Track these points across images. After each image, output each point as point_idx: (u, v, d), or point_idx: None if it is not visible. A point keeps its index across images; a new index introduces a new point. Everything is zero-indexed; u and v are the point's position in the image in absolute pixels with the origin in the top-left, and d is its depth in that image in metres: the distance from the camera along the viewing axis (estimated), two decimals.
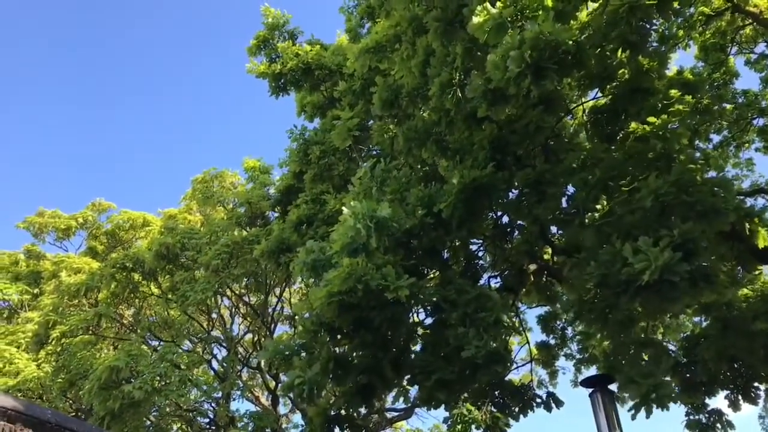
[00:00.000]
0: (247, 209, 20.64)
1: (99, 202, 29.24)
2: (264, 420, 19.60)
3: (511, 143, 9.38)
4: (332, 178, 15.19)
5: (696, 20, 15.09)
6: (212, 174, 24.52)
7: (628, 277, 6.87)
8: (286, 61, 15.64)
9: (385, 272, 7.61)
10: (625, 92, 9.58)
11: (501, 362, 7.92)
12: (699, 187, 7.36)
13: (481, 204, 8.96)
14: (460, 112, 9.33)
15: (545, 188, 8.85)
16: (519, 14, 7.43)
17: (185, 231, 21.08)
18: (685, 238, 6.74)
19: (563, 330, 17.51)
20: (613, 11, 7.23)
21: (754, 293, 13.33)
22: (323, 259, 8.81)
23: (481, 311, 8.11)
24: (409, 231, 8.74)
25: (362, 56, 11.32)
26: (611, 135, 10.00)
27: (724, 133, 17.13)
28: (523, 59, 6.91)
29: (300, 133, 16.37)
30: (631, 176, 8.39)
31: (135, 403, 15.84)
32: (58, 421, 6.59)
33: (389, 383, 8.72)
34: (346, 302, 7.79)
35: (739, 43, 16.43)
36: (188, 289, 18.94)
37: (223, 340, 23.66)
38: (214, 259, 18.59)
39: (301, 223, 14.87)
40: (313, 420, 8.75)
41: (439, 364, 8.09)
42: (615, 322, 7.50)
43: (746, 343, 11.47)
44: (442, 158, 10.16)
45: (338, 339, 8.61)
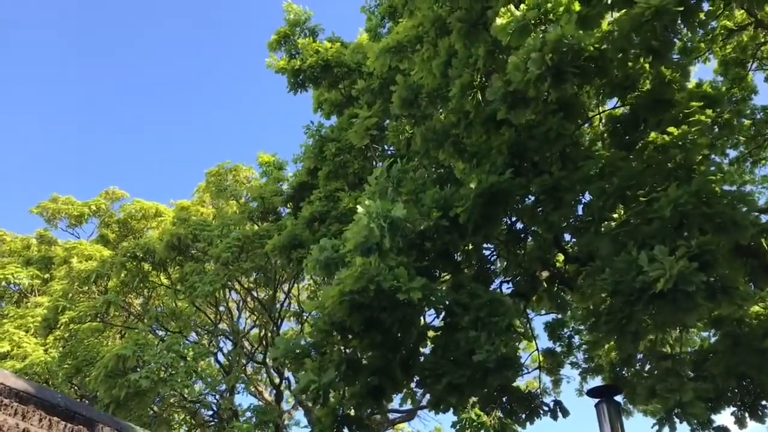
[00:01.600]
0: (260, 204, 20.69)
1: (112, 191, 29.37)
2: (267, 415, 19.62)
3: (529, 149, 9.33)
4: (347, 175, 15.21)
5: (718, 34, 15.02)
6: (227, 167, 24.61)
7: (643, 285, 6.82)
8: (305, 58, 15.68)
9: (397, 273, 7.58)
10: (647, 102, 9.52)
11: (512, 368, 7.88)
12: (719, 200, 7.30)
13: (498, 209, 8.91)
14: (479, 115, 9.30)
15: (562, 195, 8.80)
16: (543, 17, 7.39)
17: (197, 223, 21.14)
18: (702, 249, 6.68)
19: (570, 338, 17.47)
20: (639, 15, 7.18)
21: (766, 311, 13.26)
22: (336, 257, 8.81)
23: (493, 316, 8.07)
24: (422, 233, 8.73)
25: (383, 55, 11.31)
26: (629, 144, 9.94)
27: (741, 149, 17.01)
28: (544, 61, 6.89)
29: (316, 129, 16.41)
30: (649, 186, 8.33)
31: (140, 392, 15.89)
32: (68, 405, 6.60)
33: (399, 385, 8.69)
34: (357, 302, 7.77)
35: (759, 59, 16.32)
36: (197, 281, 18.99)
37: (230, 334, 23.72)
38: (225, 252, 18.64)
39: (314, 220, 14.90)
40: (322, 420, 8.73)
41: (450, 368, 8.05)
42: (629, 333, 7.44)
43: (756, 360, 11.38)
44: (458, 161, 10.13)
45: (349, 339, 8.59)
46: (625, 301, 7.12)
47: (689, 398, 7.91)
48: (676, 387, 7.98)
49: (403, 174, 9.42)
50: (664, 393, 7.93)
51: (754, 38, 15.39)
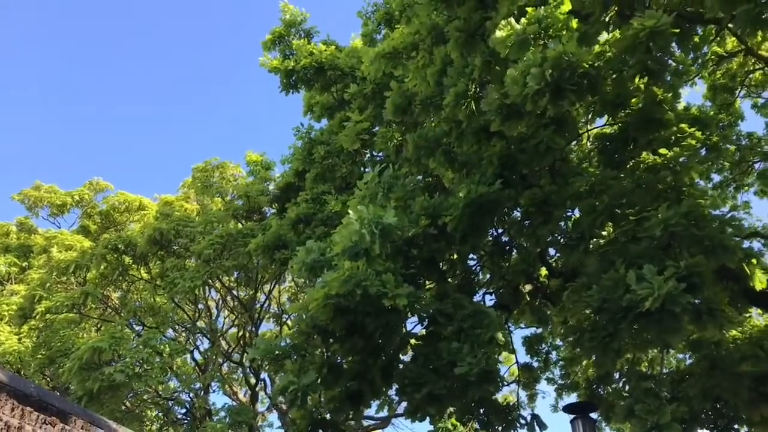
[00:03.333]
0: (245, 202, 20.57)
1: (96, 182, 29.05)
2: (241, 415, 19.43)
3: (519, 161, 9.35)
4: (334, 179, 15.19)
5: (708, 59, 15.19)
6: (214, 164, 24.45)
7: (629, 304, 6.85)
8: (299, 59, 15.63)
9: (384, 279, 7.56)
10: (638, 121, 9.56)
11: (493, 381, 7.87)
12: (708, 222, 7.35)
13: (486, 220, 8.92)
14: (471, 125, 9.30)
15: (551, 210, 8.82)
16: (542, 32, 7.41)
17: (180, 218, 20.94)
18: (691, 270, 6.72)
19: (548, 353, 17.56)
20: (635, 35, 7.22)
21: (743, 335, 13.39)
22: (322, 260, 8.76)
23: (477, 327, 8.05)
24: (410, 239, 8.71)
25: (377, 60, 11.30)
26: (619, 163, 10.00)
27: (725, 174, 17.19)
28: (544, 77, 6.90)
29: (306, 131, 16.38)
30: (639, 205, 8.38)
31: (114, 386, 15.67)
32: (41, 396, 6.50)
33: (378, 391, 8.66)
34: (342, 306, 7.73)
35: (747, 86, 16.54)
36: (178, 277, 18.79)
37: (207, 332, 23.53)
38: (207, 248, 18.49)
39: (299, 222, 14.85)
40: (298, 423, 8.66)
41: (431, 377, 8.02)
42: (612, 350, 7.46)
43: (731, 384, 11.48)
44: (449, 170, 10.13)
45: (330, 343, 8.54)
46: (610, 318, 7.14)
47: (666, 420, 7.94)
48: (654, 408, 8.01)
49: (394, 180, 9.40)
50: (643, 414, 7.95)
51: (743, 65, 15.60)
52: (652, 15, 7.05)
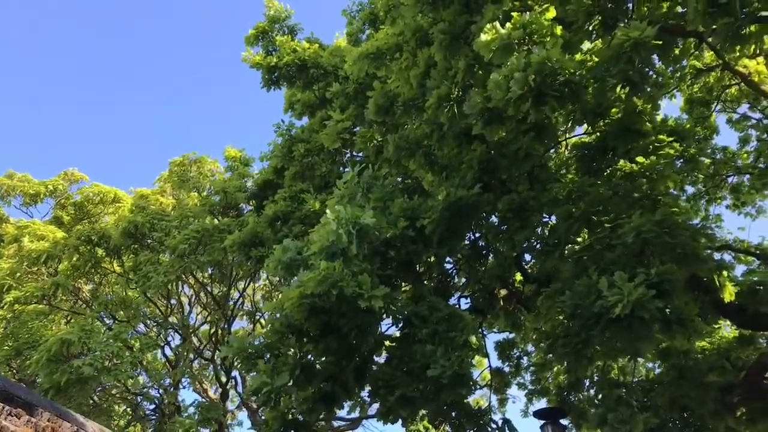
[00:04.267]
0: (222, 198, 20.41)
1: (71, 172, 28.59)
2: (211, 412, 19.27)
3: (499, 166, 9.40)
4: (313, 177, 15.11)
5: (687, 72, 15.41)
6: (191, 159, 24.21)
7: (601, 310, 6.91)
8: (282, 56, 15.51)
9: (361, 280, 7.52)
10: (617, 131, 9.67)
11: (466, 384, 7.88)
12: (682, 231, 7.44)
13: (464, 223, 8.95)
14: (453, 128, 9.33)
15: (529, 215, 8.88)
16: (527, 38, 7.45)
17: (156, 212, 20.72)
18: (661, 278, 6.80)
19: (519, 359, 17.68)
20: (618, 45, 7.29)
21: (711, 346, 13.60)
22: (299, 259, 8.70)
23: (451, 331, 8.07)
24: (387, 241, 8.70)
25: (361, 60, 11.28)
26: (597, 170, 10.09)
27: (699, 186, 17.42)
28: (527, 82, 6.93)
29: (287, 129, 16.28)
30: (614, 213, 8.46)
31: (82, 380, 15.43)
32: (6, 387, 6.35)
33: (351, 392, 8.63)
34: (317, 305, 7.68)
35: (723, 101, 16.79)
36: (151, 271, 18.59)
37: (179, 328, 23.29)
38: (182, 243, 18.29)
39: (276, 219, 14.74)
40: (270, 424, 8.60)
41: (404, 379, 8.02)
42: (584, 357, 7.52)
43: (699, 393, 11.65)
44: (428, 172, 10.14)
45: (304, 342, 8.49)
46: (583, 324, 7.20)
47: (639, 430, 8.03)
48: (627, 418, 8.09)
49: (373, 180, 9.38)
50: (615, 422, 8.04)
51: (720, 80, 15.84)
52: (636, 26, 7.13)
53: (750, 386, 11.66)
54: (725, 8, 6.74)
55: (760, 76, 14.02)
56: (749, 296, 10.54)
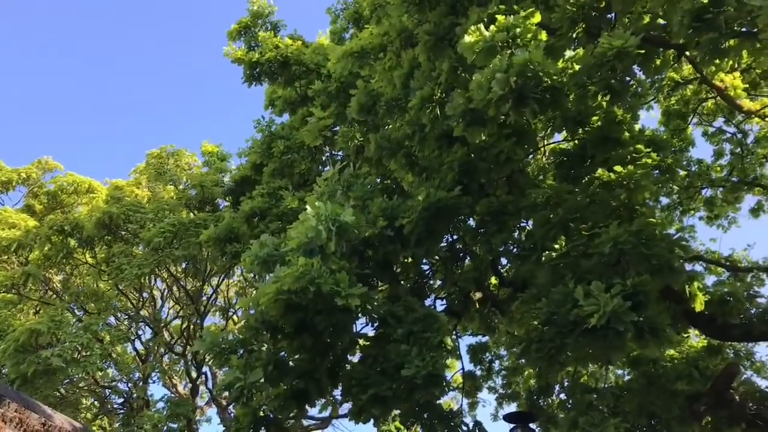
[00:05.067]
0: (199, 192, 20.29)
1: (46, 160, 28.11)
2: (180, 408, 19.10)
3: (479, 170, 9.44)
4: (292, 175, 15.06)
5: (665, 84, 15.62)
6: (169, 151, 24.00)
7: (576, 319, 6.95)
8: (264, 51, 15.44)
9: (338, 278, 7.48)
10: (596, 139, 9.77)
11: (439, 385, 7.89)
12: (657, 242, 7.53)
13: (442, 225, 8.97)
14: (435, 130, 9.35)
15: (507, 219, 8.92)
16: (510, 41, 7.49)
17: (131, 204, 20.47)
18: (637, 289, 6.87)
19: (491, 362, 17.79)
20: (602, 53, 7.37)
21: (680, 355, 13.82)
22: (276, 255, 8.65)
23: (426, 331, 8.07)
24: (366, 240, 8.68)
25: (344, 59, 11.27)
26: (575, 178, 10.19)
27: (674, 197, 17.65)
28: (508, 83, 6.95)
29: (267, 125, 16.21)
30: (592, 221, 8.54)
31: (50, 371, 15.19)
32: None
33: (324, 391, 8.59)
34: (293, 302, 7.61)
35: (700, 114, 17.06)
36: (124, 263, 18.39)
37: (151, 321, 23.06)
38: (157, 236, 18.12)
39: (253, 215, 14.66)
40: (241, 420, 8.52)
41: (377, 379, 7.99)
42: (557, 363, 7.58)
43: (666, 401, 11.82)
44: (409, 173, 10.16)
45: (278, 339, 8.43)
46: (558, 331, 7.24)
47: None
48: (598, 422, 8.17)
49: (354, 179, 9.36)
50: (587, 426, 8.10)
51: (697, 93, 16.08)
52: (620, 35, 7.21)
53: (716, 395, 11.85)
54: (709, 23, 6.85)
55: (735, 90, 14.26)
56: (719, 307, 10.73)
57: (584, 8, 8.22)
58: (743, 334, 11.12)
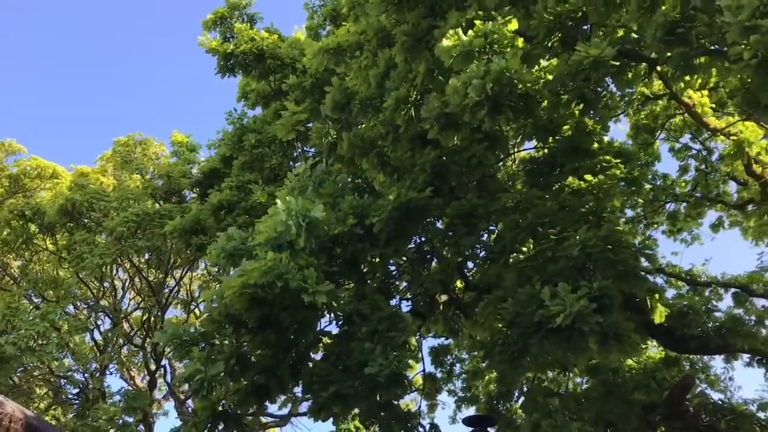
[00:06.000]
0: (166, 182, 20.04)
1: (9, 143, 27.36)
2: (137, 401, 18.82)
3: (450, 172, 9.48)
4: (263, 169, 14.95)
5: (635, 99, 15.88)
6: (137, 139, 23.58)
7: (541, 319, 7.04)
8: (239, 43, 15.28)
9: (306, 274, 7.44)
10: (566, 148, 9.90)
11: (401, 384, 7.88)
12: (624, 249, 7.65)
13: (412, 225, 8.98)
14: (408, 131, 9.37)
15: (476, 222, 8.98)
16: (488, 47, 7.54)
17: (96, 191, 20.11)
18: (602, 292, 6.97)
19: (452, 365, 17.87)
20: (578, 62, 7.46)
21: (638, 365, 14.06)
22: (243, 248, 8.57)
23: (391, 330, 8.07)
24: (335, 237, 8.64)
25: (320, 55, 11.19)
26: (545, 185, 10.30)
27: (638, 210, 17.93)
28: (484, 90, 7.00)
29: (239, 117, 16.07)
30: (560, 226, 8.64)
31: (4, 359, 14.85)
32: None
33: (286, 387, 8.52)
34: (259, 297, 7.54)
35: (667, 130, 17.37)
36: (86, 251, 18.06)
37: (111, 312, 22.68)
38: (121, 225, 17.85)
39: (221, 208, 14.52)
40: (199, 413, 8.40)
41: (340, 376, 7.96)
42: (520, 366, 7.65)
43: (624, 410, 12.02)
44: (381, 173, 10.16)
45: (241, 333, 8.35)
46: (522, 333, 7.31)
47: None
48: (561, 425, 8.28)
49: (326, 175, 9.33)
50: (549, 429, 8.19)
51: (666, 109, 16.37)
52: (597, 45, 7.30)
53: (672, 406, 12.09)
54: (681, 37, 6.98)
55: (703, 108, 14.55)
56: (678, 319, 10.96)
57: (561, 17, 8.31)
58: (700, 347, 11.37)
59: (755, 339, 10.74)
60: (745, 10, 5.82)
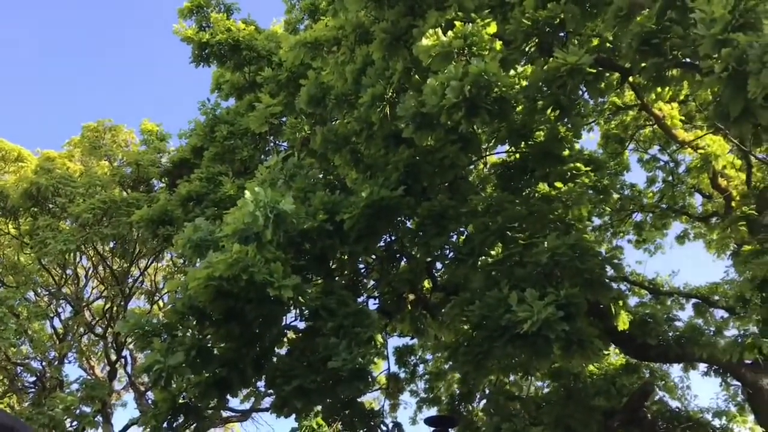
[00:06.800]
0: (134, 171, 19.72)
1: None
2: (96, 390, 18.51)
3: (423, 172, 9.49)
4: (233, 161, 14.78)
5: (606, 108, 16.07)
6: (107, 125, 23.10)
7: (508, 323, 7.08)
8: (215, 33, 15.10)
9: (273, 268, 7.38)
10: (538, 154, 9.98)
11: (364, 380, 7.88)
12: (592, 257, 7.72)
13: (383, 224, 8.96)
14: (383, 129, 9.35)
15: (446, 223, 8.99)
16: (466, 48, 7.54)
17: (62, 176, 19.67)
18: (569, 300, 7.03)
19: (415, 366, 17.89)
20: (555, 68, 7.51)
21: (599, 371, 14.24)
22: (210, 240, 8.48)
23: (357, 326, 8.04)
24: (304, 232, 8.57)
25: (297, 48, 11.09)
26: (515, 189, 10.37)
27: (605, 219, 18.13)
28: (462, 92, 7.01)
29: (212, 108, 15.88)
30: (530, 231, 8.70)
31: None
32: None
33: (248, 381, 8.46)
34: (224, 289, 7.47)
35: (637, 140, 17.61)
36: (50, 237, 17.69)
37: (72, 300, 22.27)
38: (87, 212, 17.51)
39: (190, 199, 14.33)
40: (159, 405, 8.30)
41: (303, 371, 7.94)
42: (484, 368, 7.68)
43: (584, 415, 12.16)
44: (353, 170, 10.12)
45: (205, 325, 8.25)
46: (488, 336, 7.34)
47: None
48: (521, 428, 8.34)
49: (298, 169, 9.26)
50: None
51: (636, 120, 16.59)
52: (574, 52, 7.36)
53: (631, 412, 12.27)
54: (656, 48, 7.07)
55: (672, 120, 14.78)
56: (639, 327, 11.11)
57: (539, 23, 8.35)
58: (660, 355, 11.54)
59: (714, 349, 10.93)
60: (718, 24, 5.91)
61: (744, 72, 5.72)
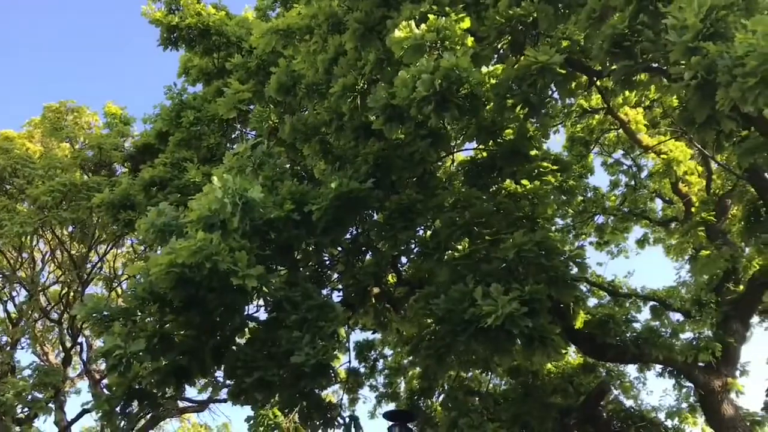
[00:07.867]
0: (96, 154, 19.30)
1: None
2: (50, 377, 18.12)
3: (393, 166, 9.48)
4: (200, 147, 14.53)
5: (573, 111, 16.27)
6: (69, 107, 22.51)
7: (471, 317, 7.11)
8: (185, 16, 14.81)
9: (237, 256, 7.26)
10: (506, 152, 10.06)
11: (326, 375, 7.83)
12: (557, 256, 7.80)
13: (351, 216, 8.93)
14: (353, 120, 9.31)
15: (414, 217, 9.00)
16: (439, 42, 7.54)
17: (20, 157, 19.20)
18: (533, 296, 7.09)
19: (375, 361, 17.92)
20: (526, 66, 7.55)
21: (557, 370, 14.44)
22: (173, 225, 8.33)
23: (321, 320, 7.97)
24: (270, 222, 8.47)
25: (268, 35, 10.94)
26: (482, 186, 10.43)
27: (568, 220, 18.36)
28: (433, 85, 7.01)
29: (178, 93, 15.59)
30: (496, 227, 8.75)
31: None
32: None
33: (207, 370, 8.34)
34: (186, 276, 7.32)
35: (602, 144, 17.88)
36: (6, 219, 17.24)
37: (28, 283, 21.75)
38: (45, 195, 17.10)
39: (153, 185, 14.08)
40: (114, 390, 8.12)
41: (265, 363, 7.84)
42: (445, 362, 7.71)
43: (541, 413, 12.33)
44: (322, 160, 10.05)
45: (165, 313, 8.10)
46: (451, 329, 7.36)
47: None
48: (478, 424, 8.40)
49: (266, 158, 9.15)
50: (466, 428, 8.31)
51: (602, 123, 16.83)
52: (545, 51, 7.41)
53: (587, 411, 12.47)
54: (627, 51, 7.16)
55: (637, 125, 15.03)
56: (598, 327, 11.29)
57: (512, 21, 8.39)
58: (617, 355, 11.75)
59: (670, 350, 11.17)
60: (690, 31, 5.99)
61: (712, 81, 5.82)
